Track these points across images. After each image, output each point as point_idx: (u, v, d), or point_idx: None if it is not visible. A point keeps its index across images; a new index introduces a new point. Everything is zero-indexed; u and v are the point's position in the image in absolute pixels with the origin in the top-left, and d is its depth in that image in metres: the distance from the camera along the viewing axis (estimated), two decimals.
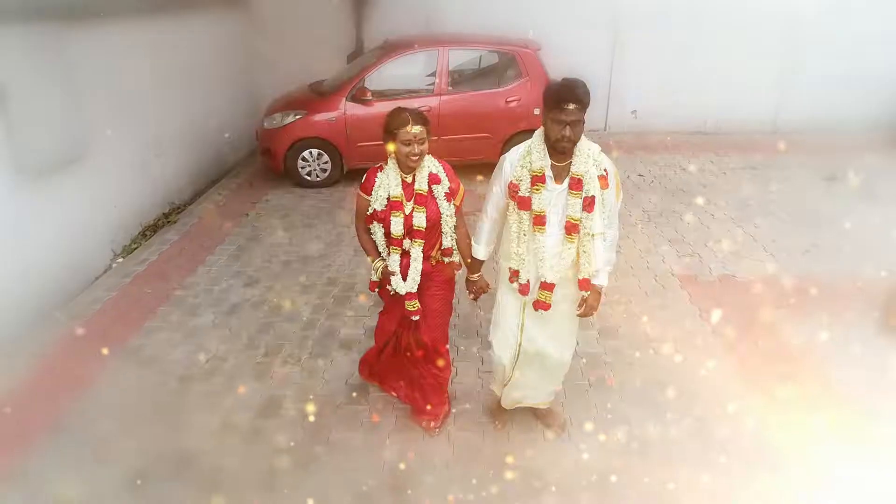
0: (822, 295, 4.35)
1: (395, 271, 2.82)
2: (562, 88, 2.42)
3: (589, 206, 2.56)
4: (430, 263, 2.88)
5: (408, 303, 2.85)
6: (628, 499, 2.72)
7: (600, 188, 2.55)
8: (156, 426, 3.20)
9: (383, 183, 2.78)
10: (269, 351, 3.85)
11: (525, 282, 2.70)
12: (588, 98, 2.42)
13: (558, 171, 2.57)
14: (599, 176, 2.55)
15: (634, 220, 5.86)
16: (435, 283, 2.92)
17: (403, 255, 2.82)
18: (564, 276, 2.70)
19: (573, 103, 2.38)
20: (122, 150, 5.49)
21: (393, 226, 2.75)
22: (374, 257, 2.90)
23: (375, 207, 2.78)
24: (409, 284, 2.82)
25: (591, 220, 2.58)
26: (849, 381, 3.43)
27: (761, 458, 2.93)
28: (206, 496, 2.75)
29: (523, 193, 2.60)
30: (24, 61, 4.16)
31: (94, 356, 3.79)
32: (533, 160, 2.57)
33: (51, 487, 2.81)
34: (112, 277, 4.88)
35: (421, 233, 2.77)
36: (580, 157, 2.54)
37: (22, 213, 4.23)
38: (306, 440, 3.09)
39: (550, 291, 2.66)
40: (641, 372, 3.58)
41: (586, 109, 2.45)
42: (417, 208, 2.76)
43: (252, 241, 5.52)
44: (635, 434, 3.10)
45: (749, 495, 2.73)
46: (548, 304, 2.68)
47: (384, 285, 2.92)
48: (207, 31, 7.45)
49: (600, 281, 2.70)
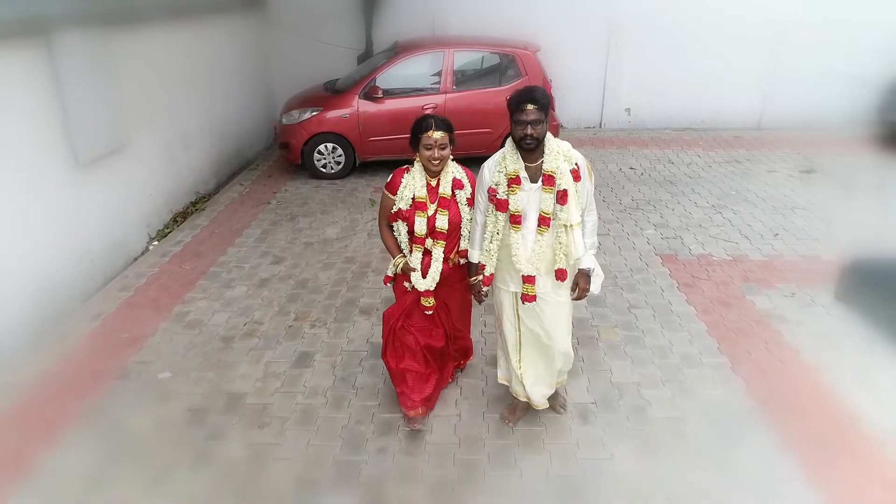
0: (785, 271, 4.90)
1: (416, 268, 2.96)
2: (521, 93, 2.69)
3: (562, 199, 2.74)
4: (449, 265, 3.03)
5: (424, 299, 3.01)
6: (604, 422, 3.26)
7: (573, 181, 2.76)
8: (207, 374, 3.75)
9: (409, 183, 2.93)
10: (298, 316, 4.40)
11: (489, 274, 2.95)
12: (545, 100, 2.66)
13: (532, 172, 2.77)
14: (571, 170, 2.75)
15: (624, 206, 6.41)
16: (451, 284, 3.10)
17: (425, 253, 2.97)
18: (550, 272, 2.88)
19: (531, 104, 2.62)
20: (155, 143, 6.05)
21: (417, 225, 2.90)
22: (396, 254, 3.07)
23: (400, 206, 2.92)
24: (428, 282, 2.95)
25: (566, 212, 2.76)
26: (798, 338, 3.97)
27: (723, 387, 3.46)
28: (254, 428, 3.30)
29: (501, 196, 2.78)
30: (78, 63, 4.69)
31: (146, 319, 4.35)
32: (507, 164, 2.77)
33: (123, 421, 3.36)
34: (152, 257, 5.43)
35: (443, 234, 2.92)
36: (550, 155, 2.74)
37: (78, 200, 4.77)
38: (337, 385, 3.63)
39: (532, 284, 2.85)
40: (623, 332, 4.12)
41: (546, 111, 2.68)
42: (441, 210, 2.91)
43: (275, 226, 6.07)
44: (615, 381, 3.64)
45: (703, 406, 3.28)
46: (532, 296, 2.86)
47: (398, 281, 3.11)
48: (228, 34, 8.00)
49: (586, 264, 2.88)
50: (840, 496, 2.79)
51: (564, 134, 9.17)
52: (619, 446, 3.11)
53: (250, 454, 3.10)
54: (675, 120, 9.69)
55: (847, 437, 3.12)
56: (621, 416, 3.33)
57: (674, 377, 3.65)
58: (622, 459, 3.03)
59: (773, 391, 3.48)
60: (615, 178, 7.35)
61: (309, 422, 3.34)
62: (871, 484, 2.86)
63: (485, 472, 2.97)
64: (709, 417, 3.31)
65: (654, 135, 9.33)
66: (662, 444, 3.13)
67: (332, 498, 2.84)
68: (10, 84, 4.07)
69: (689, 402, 3.43)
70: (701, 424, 3.26)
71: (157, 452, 3.12)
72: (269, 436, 3.23)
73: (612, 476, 2.94)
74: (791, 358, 3.78)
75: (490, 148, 7.43)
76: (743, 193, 6.72)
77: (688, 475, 2.92)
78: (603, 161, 7.98)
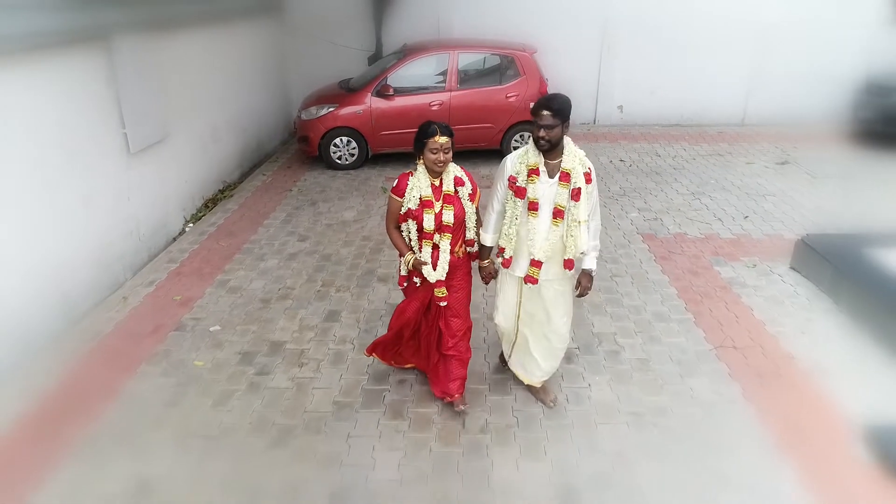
0: (750, 247, 5.59)
1: (427, 261, 3.19)
2: (541, 100, 2.99)
3: (576, 196, 3.07)
4: (456, 256, 3.28)
5: (437, 290, 3.25)
6: (585, 362, 3.93)
7: (585, 183, 3.11)
8: (251, 327, 4.44)
9: (415, 185, 3.15)
10: (324, 283, 5.09)
11: (508, 256, 3.23)
12: (562, 108, 2.93)
13: (550, 168, 3.08)
14: (584, 173, 3.09)
15: (612, 194, 7.08)
16: (458, 277, 3.33)
17: (434, 248, 3.21)
18: (556, 259, 3.19)
19: (546, 110, 2.93)
20: (190, 135, 6.74)
21: (426, 221, 3.13)
22: (405, 251, 3.29)
23: (409, 206, 3.15)
24: (439, 273, 3.19)
25: (577, 209, 3.08)
26: (753, 299, 4.65)
27: (685, 336, 4.14)
28: (294, 366, 3.98)
29: (520, 184, 3.10)
30: (131, 64, 5.37)
31: (193, 285, 5.05)
32: (529, 157, 3.09)
33: (186, 361, 4.05)
34: (190, 236, 6.12)
35: (449, 228, 3.16)
36: (569, 156, 3.07)
37: (129, 184, 5.46)
38: (361, 335, 4.32)
39: (538, 268, 3.16)
40: (604, 295, 4.80)
41: (562, 118, 2.94)
42: (447, 206, 3.15)
43: (298, 210, 6.76)
44: (595, 332, 4.32)
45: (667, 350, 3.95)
46: (535, 278, 3.17)
47: (410, 279, 3.36)
48: (250, 38, 8.70)
49: (589, 265, 3.22)
50: (768, 409, 3.48)
51: None
52: (595, 378, 3.80)
53: (293, 385, 3.79)
54: (665, 117, 10.38)
55: (781, 371, 3.81)
56: (599, 358, 4.02)
57: (645, 329, 4.33)
58: (598, 388, 3.72)
59: (726, 338, 4.17)
60: (606, 170, 8.03)
61: (340, 362, 4.03)
62: (792, 401, 3.55)
63: (485, 397, 3.66)
64: (671, 359, 3.99)
65: (645, 130, 10.01)
66: (631, 377, 3.81)
67: (363, 414, 3.53)
68: (78, 82, 4.75)
69: (655, 347, 4.11)
70: (664, 363, 3.94)
71: (217, 383, 3.81)
72: (307, 372, 3.92)
73: (588, 399, 3.63)
74: (745, 314, 4.47)
75: (491, 141, 8.15)
76: (721, 182, 7.40)
77: (650, 397, 3.61)
78: (595, 154, 8.65)
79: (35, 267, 4.21)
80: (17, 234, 4.06)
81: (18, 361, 3.92)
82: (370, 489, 3.01)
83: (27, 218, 4.15)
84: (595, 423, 3.42)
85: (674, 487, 2.99)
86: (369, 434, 3.37)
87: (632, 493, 2.96)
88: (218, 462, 3.19)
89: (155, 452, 3.25)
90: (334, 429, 3.41)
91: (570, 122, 3.04)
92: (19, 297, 4.04)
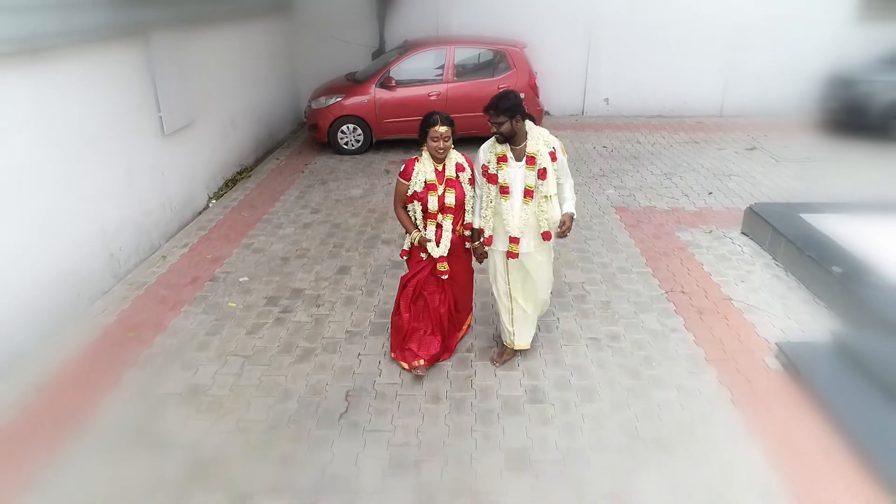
0: (710, 217, 6.35)
1: (431, 239, 3.52)
2: (490, 100, 3.36)
3: (542, 176, 3.41)
4: (457, 234, 3.62)
5: (439, 265, 3.58)
6: (555, 303, 4.69)
7: (551, 161, 3.42)
8: (274, 278, 5.20)
9: (420, 170, 3.46)
10: (335, 245, 5.86)
11: (489, 236, 3.58)
12: (508, 106, 3.28)
13: (516, 153, 3.43)
14: (550, 152, 3.39)
15: (593, 174, 7.84)
16: (458, 253, 3.69)
17: (437, 227, 3.54)
18: (533, 234, 3.52)
19: (493, 110, 3.33)
20: (212, 121, 7.50)
21: (429, 203, 3.46)
22: (411, 229, 3.61)
23: (415, 189, 3.46)
24: (442, 249, 3.52)
25: (545, 186, 3.44)
26: (705, 257, 5.41)
27: (641, 283, 4.89)
28: (312, 306, 4.74)
29: (492, 171, 3.44)
30: (165, 57, 6.14)
31: (222, 247, 5.82)
32: (497, 147, 3.45)
33: (220, 304, 4.81)
34: (214, 209, 6.89)
35: (451, 209, 3.49)
36: (532, 140, 3.38)
37: (163, 162, 6.23)
38: (368, 284, 5.08)
39: (516, 244, 3.52)
40: (577, 254, 5.56)
41: (509, 115, 3.28)
42: (448, 190, 3.46)
43: (310, 188, 7.53)
44: (566, 281, 5.08)
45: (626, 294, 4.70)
46: (515, 253, 3.53)
47: (414, 255, 3.69)
48: (263, 34, 9.48)
49: (568, 208, 3.56)
50: (702, 336, 4.25)
51: (550, 120, 10.62)
52: (563, 314, 4.57)
53: (312, 320, 4.56)
54: (648, 108, 11.13)
55: (718, 309, 4.57)
56: (568, 300, 4.78)
57: (609, 280, 5.09)
58: (565, 321, 4.48)
59: (676, 285, 4.94)
60: (589, 155, 8.78)
61: (351, 303, 4.79)
62: (723, 329, 4.32)
63: (472, 328, 4.42)
64: (629, 301, 4.75)
65: (629, 121, 10.77)
66: (593, 313, 4.58)
67: (370, 339, 4.29)
68: (122, 71, 5.51)
69: (616, 292, 4.88)
70: (622, 304, 4.71)
71: (249, 318, 4.58)
72: (324, 310, 4.68)
73: (556, 328, 4.39)
74: (696, 268, 5.23)
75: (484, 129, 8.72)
76: (692, 165, 8.15)
77: (607, 327, 4.38)
78: (581, 142, 9.41)
79: (89, 228, 4.97)
80: (73, 201, 4.80)
81: (79, 305, 4.69)
82: (377, 390, 3.77)
83: (83, 188, 4.89)
84: (560, 346, 4.19)
85: (619, 388, 3.74)
86: (376, 353, 4.14)
87: (585, 393, 3.72)
88: (253, 372, 3.96)
89: (201, 366, 4.02)
90: (348, 350, 4.18)
91: (521, 115, 3.35)
92: (75, 254, 4.77)
